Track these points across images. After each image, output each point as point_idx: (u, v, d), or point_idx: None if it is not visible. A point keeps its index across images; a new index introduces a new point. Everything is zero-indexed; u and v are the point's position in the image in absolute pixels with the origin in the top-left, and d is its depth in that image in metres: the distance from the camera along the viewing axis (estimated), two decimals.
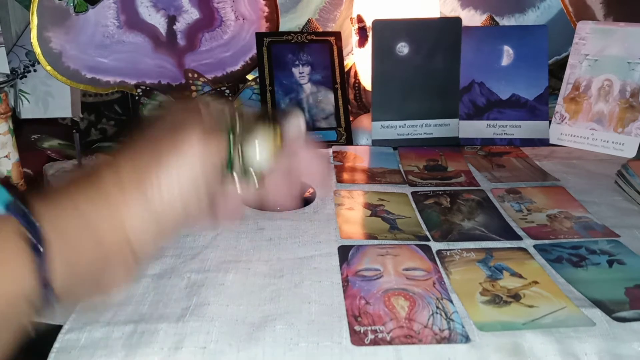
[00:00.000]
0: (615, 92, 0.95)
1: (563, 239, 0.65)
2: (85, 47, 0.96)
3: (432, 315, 0.50)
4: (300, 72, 1.00)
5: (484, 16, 1.10)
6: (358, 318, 0.50)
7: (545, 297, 0.53)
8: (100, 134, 1.05)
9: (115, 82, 0.98)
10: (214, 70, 1.02)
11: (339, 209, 0.72)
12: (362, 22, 0.99)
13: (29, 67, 0.97)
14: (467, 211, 0.72)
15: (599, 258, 0.61)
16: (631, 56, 0.94)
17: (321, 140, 0.97)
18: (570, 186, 0.80)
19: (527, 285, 0.55)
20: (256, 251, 0.62)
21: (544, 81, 0.98)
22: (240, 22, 1.02)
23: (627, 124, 0.94)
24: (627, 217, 0.71)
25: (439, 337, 0.48)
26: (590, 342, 0.47)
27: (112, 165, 0.37)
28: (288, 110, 0.42)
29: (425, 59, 0.96)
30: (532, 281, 0.56)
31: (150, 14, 0.98)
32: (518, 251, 0.62)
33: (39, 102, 0.98)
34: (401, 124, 0.97)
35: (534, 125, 0.98)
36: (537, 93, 0.98)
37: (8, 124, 0.71)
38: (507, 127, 0.98)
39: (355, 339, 0.47)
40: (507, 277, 0.57)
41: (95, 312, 0.51)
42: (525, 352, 0.46)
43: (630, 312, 0.51)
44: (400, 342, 0.47)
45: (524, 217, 0.71)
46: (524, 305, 0.52)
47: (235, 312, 0.51)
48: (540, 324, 0.49)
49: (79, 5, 0.94)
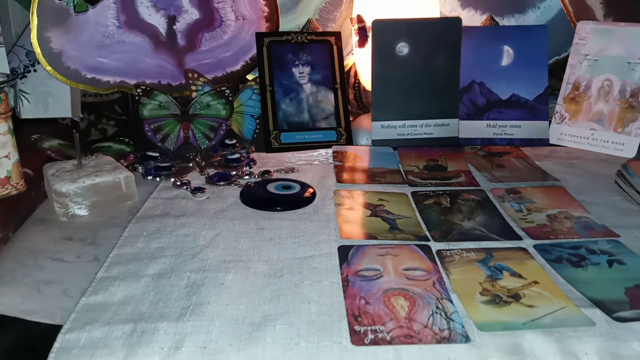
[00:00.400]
0: (615, 92, 0.95)
1: (563, 239, 0.65)
2: (85, 47, 0.96)
3: (432, 315, 0.50)
4: (300, 72, 1.00)
5: (484, 16, 1.10)
6: (358, 318, 0.50)
7: (545, 297, 0.53)
8: (100, 134, 1.05)
9: (115, 82, 0.98)
10: (214, 70, 1.02)
11: (339, 209, 0.72)
12: (362, 22, 0.99)
13: (29, 67, 0.97)
14: (467, 211, 0.72)
15: (599, 258, 0.61)
16: (631, 56, 0.94)
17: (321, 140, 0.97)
18: (570, 186, 0.80)
19: (527, 285, 0.55)
20: (256, 251, 0.62)
21: (544, 81, 0.98)
22: (240, 22, 1.02)
23: (627, 124, 0.94)
24: (627, 217, 0.71)
25: (439, 337, 0.48)
26: (590, 342, 0.47)
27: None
28: None
29: (425, 59, 0.96)
30: (532, 281, 0.56)
31: (150, 14, 0.98)
32: (518, 251, 0.62)
33: (39, 102, 0.98)
34: (401, 124, 0.97)
35: (534, 125, 0.98)
36: (537, 93, 0.98)
37: (8, 124, 0.71)
38: (507, 127, 0.98)
39: (355, 338, 0.47)
40: (507, 277, 0.57)
41: (95, 311, 0.51)
42: (525, 351, 0.46)
43: (630, 312, 0.51)
44: (400, 342, 0.47)
45: (524, 217, 0.71)
46: (524, 305, 0.52)
47: (235, 312, 0.51)
48: (540, 323, 0.49)
49: (79, 5, 0.94)
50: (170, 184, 0.81)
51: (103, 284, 0.56)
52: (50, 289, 0.57)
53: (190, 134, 0.94)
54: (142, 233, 0.67)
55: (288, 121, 0.98)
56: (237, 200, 0.76)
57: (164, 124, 0.93)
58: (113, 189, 0.74)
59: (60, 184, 0.71)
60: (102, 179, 0.73)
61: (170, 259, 0.61)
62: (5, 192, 0.72)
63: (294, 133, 0.97)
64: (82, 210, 0.72)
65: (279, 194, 0.77)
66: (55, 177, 0.73)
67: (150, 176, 0.83)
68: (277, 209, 0.73)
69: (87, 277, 0.58)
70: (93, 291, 0.55)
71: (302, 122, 0.99)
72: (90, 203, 0.72)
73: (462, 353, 0.46)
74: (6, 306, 0.54)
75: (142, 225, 0.69)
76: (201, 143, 0.94)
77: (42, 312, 0.53)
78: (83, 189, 0.72)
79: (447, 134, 0.98)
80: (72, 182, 0.71)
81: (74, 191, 0.71)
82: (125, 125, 1.05)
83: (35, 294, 0.56)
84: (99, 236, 0.67)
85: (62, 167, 0.76)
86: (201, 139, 0.94)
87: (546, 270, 0.58)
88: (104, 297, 0.54)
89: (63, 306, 0.54)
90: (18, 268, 0.60)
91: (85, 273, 0.59)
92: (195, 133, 0.94)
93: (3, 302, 0.55)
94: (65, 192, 0.71)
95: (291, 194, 0.77)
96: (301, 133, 0.98)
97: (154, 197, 0.77)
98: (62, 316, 0.52)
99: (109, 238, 0.66)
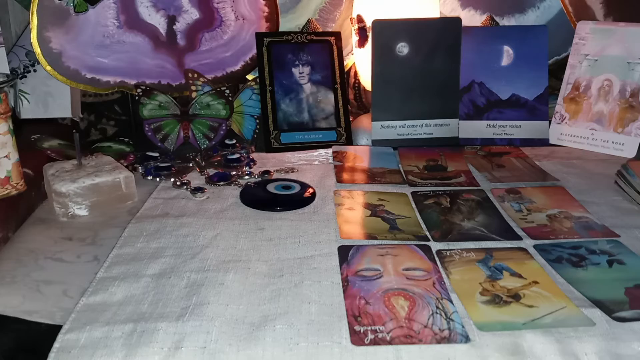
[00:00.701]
0: (615, 92, 0.95)
1: (563, 239, 0.65)
2: (85, 47, 0.96)
3: (432, 315, 0.50)
4: (300, 72, 1.00)
5: (483, 16, 1.10)
6: (358, 318, 0.50)
7: (545, 297, 0.53)
8: (100, 134, 1.05)
9: (115, 82, 0.98)
10: (214, 70, 1.02)
11: (339, 209, 0.72)
12: (362, 22, 0.99)
13: (29, 67, 0.97)
14: (467, 211, 0.72)
15: (598, 258, 0.61)
16: (631, 56, 0.94)
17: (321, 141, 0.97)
18: (570, 186, 0.80)
19: (527, 285, 0.55)
20: (256, 251, 0.62)
21: (543, 81, 0.98)
22: (240, 22, 1.02)
23: (627, 124, 0.94)
24: (627, 217, 0.71)
25: (439, 337, 0.48)
26: (590, 342, 0.47)
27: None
28: None
29: (425, 59, 0.96)
30: (532, 281, 0.56)
31: (150, 14, 0.98)
32: (518, 251, 0.62)
33: (38, 102, 0.98)
34: (401, 124, 0.97)
35: (533, 125, 0.98)
36: (537, 93, 0.98)
37: (8, 124, 0.71)
38: (507, 127, 0.98)
39: (355, 338, 0.47)
40: (507, 277, 0.57)
41: (95, 311, 0.51)
42: (525, 352, 0.46)
43: (630, 312, 0.51)
44: (400, 342, 0.47)
45: (524, 217, 0.71)
46: (523, 305, 0.52)
47: (235, 312, 0.51)
48: (540, 324, 0.49)
49: (78, 5, 0.94)
50: (170, 184, 0.81)
51: (103, 284, 0.56)
52: (50, 289, 0.57)
53: (190, 134, 0.94)
54: (142, 233, 0.67)
55: (288, 121, 0.98)
56: (237, 200, 0.76)
57: (164, 124, 0.93)
58: (113, 189, 0.74)
59: (60, 184, 0.71)
60: (102, 179, 0.73)
61: (170, 259, 0.61)
62: (5, 192, 0.72)
63: (294, 133, 0.97)
64: (82, 210, 0.72)
65: (279, 194, 0.77)
66: (55, 177, 0.73)
67: (150, 176, 0.83)
68: (277, 209, 0.73)
69: (87, 277, 0.58)
70: (93, 291, 0.55)
71: (302, 122, 0.99)
72: (90, 203, 0.72)
73: (462, 353, 0.46)
74: (6, 306, 0.54)
75: (142, 225, 0.69)
76: (201, 143, 0.94)
77: (42, 312, 0.53)
78: (83, 189, 0.72)
79: (447, 134, 0.98)
80: (72, 182, 0.71)
81: (73, 191, 0.71)
82: (125, 126, 1.05)
83: (35, 294, 0.56)
84: (99, 236, 0.67)
85: (62, 167, 0.76)
86: (201, 139, 0.94)
87: (546, 271, 0.58)
88: (104, 297, 0.54)
89: (63, 306, 0.54)
90: (18, 268, 0.60)
91: (85, 273, 0.59)
92: (195, 133, 0.94)
93: (3, 302, 0.55)
94: (65, 192, 0.71)
95: (291, 194, 0.77)
96: (301, 133, 0.98)
97: (153, 197, 0.77)
98: (62, 316, 0.52)
99: (109, 238, 0.66)
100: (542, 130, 0.98)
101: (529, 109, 0.98)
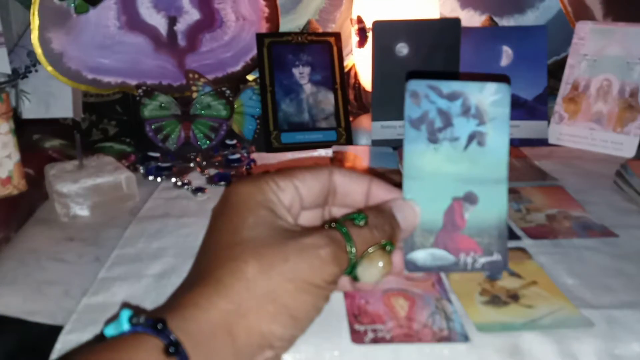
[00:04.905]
0: (615, 92, 0.96)
1: (562, 239, 0.65)
2: (86, 47, 0.96)
3: (431, 315, 0.51)
4: (300, 73, 1.00)
5: (483, 16, 1.11)
6: (358, 317, 0.50)
7: (544, 297, 0.54)
8: (102, 134, 1.05)
9: (117, 82, 0.98)
10: (214, 71, 1.03)
11: None
12: (361, 22, 0.99)
13: (30, 68, 0.97)
14: None
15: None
16: (630, 56, 0.94)
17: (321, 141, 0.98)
18: (569, 186, 0.80)
19: (526, 286, 0.56)
20: None
21: (543, 81, 0.99)
22: (241, 23, 1.02)
23: (626, 124, 0.94)
24: (626, 217, 0.71)
25: (439, 337, 0.48)
26: (589, 343, 0.47)
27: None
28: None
29: (424, 59, 0.97)
30: (531, 281, 0.56)
31: (151, 15, 0.98)
32: (517, 251, 0.62)
33: (40, 103, 0.98)
34: (401, 124, 0.97)
35: (533, 125, 0.98)
36: (536, 93, 0.99)
37: (9, 124, 0.71)
38: None
39: (356, 337, 0.48)
40: (506, 277, 0.57)
41: (97, 312, 0.52)
42: (524, 352, 0.47)
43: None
44: (399, 341, 0.47)
45: (523, 216, 0.71)
46: (522, 306, 0.52)
47: None
48: (539, 324, 0.50)
49: (79, 6, 0.94)
50: (171, 184, 0.81)
51: (104, 284, 0.56)
52: (52, 289, 0.57)
53: (191, 134, 0.94)
54: (143, 233, 0.67)
55: (288, 121, 0.98)
56: None
57: (165, 124, 0.94)
58: (114, 189, 0.74)
59: (62, 185, 0.71)
60: (103, 179, 0.74)
61: (172, 259, 0.61)
62: (7, 192, 0.72)
63: (294, 133, 0.98)
64: (84, 210, 0.72)
65: None
66: (56, 177, 0.73)
67: (151, 176, 0.83)
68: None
69: (88, 277, 0.58)
70: (94, 291, 0.55)
71: (302, 122, 0.99)
72: (92, 203, 0.73)
73: (461, 352, 0.47)
74: (7, 307, 0.54)
75: (143, 225, 0.69)
76: (202, 143, 0.95)
77: (44, 313, 0.53)
78: (84, 190, 0.72)
79: None
80: (73, 182, 0.72)
81: (75, 191, 0.71)
82: (127, 126, 1.05)
83: (37, 295, 0.56)
84: (101, 236, 0.68)
85: (64, 167, 0.76)
86: (202, 139, 0.95)
87: (545, 271, 0.59)
88: (106, 298, 0.54)
89: (64, 306, 0.54)
90: (19, 268, 0.61)
91: (86, 273, 0.59)
92: (196, 133, 0.94)
93: (4, 302, 0.55)
94: (67, 192, 0.71)
95: None
96: (301, 133, 0.98)
97: (155, 197, 0.77)
98: (64, 317, 0.52)
99: (110, 238, 0.66)
100: (541, 130, 0.99)
101: (528, 109, 0.99)
